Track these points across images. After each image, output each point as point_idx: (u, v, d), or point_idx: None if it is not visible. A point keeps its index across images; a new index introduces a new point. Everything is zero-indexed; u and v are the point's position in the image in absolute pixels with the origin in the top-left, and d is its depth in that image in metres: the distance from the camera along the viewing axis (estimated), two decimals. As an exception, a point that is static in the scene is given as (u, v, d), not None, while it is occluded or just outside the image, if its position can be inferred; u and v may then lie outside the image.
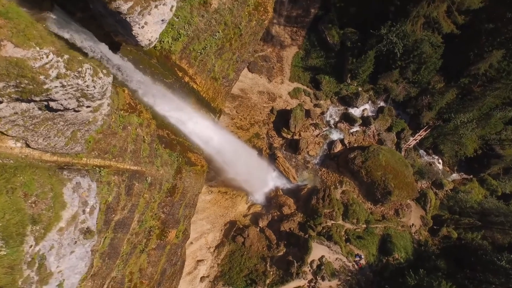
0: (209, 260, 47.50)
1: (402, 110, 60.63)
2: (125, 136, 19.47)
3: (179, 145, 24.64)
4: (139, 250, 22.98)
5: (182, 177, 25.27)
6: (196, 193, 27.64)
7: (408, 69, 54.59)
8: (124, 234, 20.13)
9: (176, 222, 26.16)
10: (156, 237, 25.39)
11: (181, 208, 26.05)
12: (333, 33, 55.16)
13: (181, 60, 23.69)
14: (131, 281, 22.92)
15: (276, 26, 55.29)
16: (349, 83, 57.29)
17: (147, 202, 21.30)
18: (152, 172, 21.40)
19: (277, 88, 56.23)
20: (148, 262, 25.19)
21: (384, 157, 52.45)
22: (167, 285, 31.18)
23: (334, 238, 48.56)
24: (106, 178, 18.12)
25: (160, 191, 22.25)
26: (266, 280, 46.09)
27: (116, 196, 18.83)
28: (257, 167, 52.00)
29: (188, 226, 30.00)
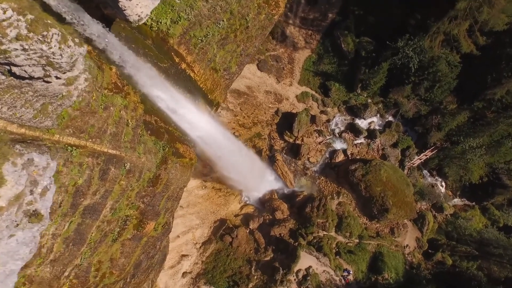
0: (194, 256, 46.06)
1: (410, 127, 58.50)
2: (106, 117, 18.07)
3: (168, 134, 23.19)
4: (111, 239, 21.58)
5: (167, 168, 23.81)
6: (181, 186, 26.19)
7: (421, 86, 52.47)
8: (94, 220, 18.73)
9: (156, 214, 24.72)
10: (133, 227, 23.96)
11: (162, 200, 24.60)
12: (348, 40, 53.29)
13: (179, 45, 22.27)
14: (99, 270, 21.52)
15: (291, 27, 53.68)
16: (359, 93, 55.37)
17: (123, 190, 19.89)
18: (133, 158, 19.97)
19: (285, 89, 54.57)
20: (122, 252, 23.78)
21: (386, 173, 50.46)
22: (142, 278, 29.79)
23: (324, 250, 46.73)
24: (78, 158, 16.74)
25: (139, 179, 20.83)
26: (249, 284, 44.48)
27: (87, 179, 17.43)
28: (254, 167, 50.39)
29: (170, 220, 28.56)
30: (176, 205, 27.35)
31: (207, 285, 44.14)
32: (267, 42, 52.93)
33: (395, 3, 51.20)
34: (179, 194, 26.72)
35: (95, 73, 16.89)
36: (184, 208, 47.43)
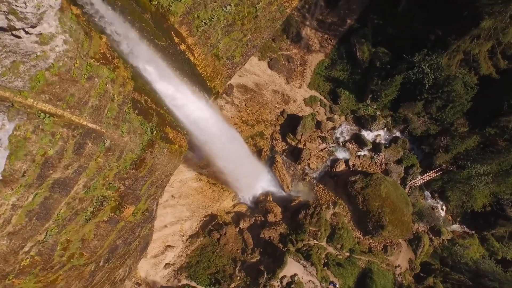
0: (179, 248, 44.65)
1: (417, 145, 56.41)
2: (89, 88, 16.74)
3: (158, 116, 21.81)
4: (84, 219, 20.24)
5: (154, 152, 22.42)
6: (167, 173, 24.80)
7: (434, 104, 50.43)
8: (63, 196, 17.40)
9: (137, 199, 23.35)
10: (110, 209, 22.60)
11: (145, 185, 23.22)
12: (364, 49, 51.51)
13: (181, 25, 20.88)
14: (66, 250, 20.19)
15: (307, 28, 52.11)
16: (368, 104, 53.51)
17: (100, 168, 18.52)
18: (114, 136, 18.60)
19: (293, 91, 52.98)
20: (95, 234, 22.42)
21: (386, 188, 48.50)
22: (118, 263, 28.47)
23: (313, 259, 44.95)
24: (51, 127, 15.40)
25: (119, 159, 19.46)
26: (231, 284, 42.91)
27: (59, 151, 16.10)
28: (252, 166, 48.86)
29: (153, 207, 27.18)
30: (160, 192, 25.96)
31: (188, 279, 42.68)
32: (280, 40, 51.48)
33: (417, 16, 49.27)
34: (164, 181, 25.33)
35: (80, 39, 15.56)
36: (175, 198, 46.15)
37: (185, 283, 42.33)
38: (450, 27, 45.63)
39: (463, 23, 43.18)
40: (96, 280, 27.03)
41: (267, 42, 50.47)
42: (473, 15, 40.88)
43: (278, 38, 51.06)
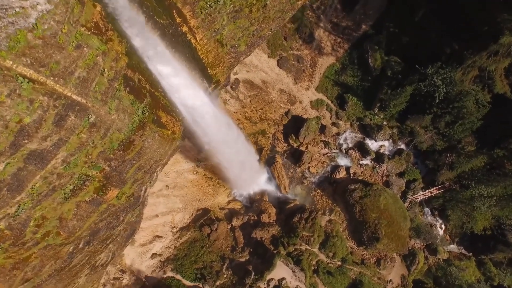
0: (168, 240, 43.50)
1: (421, 160, 54.60)
2: (76, 57, 15.61)
3: (151, 98, 20.62)
4: (62, 196, 19.09)
5: (144, 135, 21.25)
6: (157, 159, 23.62)
7: (442, 119, 48.66)
8: (39, 169, 16.28)
9: (122, 182, 22.18)
10: (93, 190, 21.45)
11: (132, 168, 22.05)
12: (377, 56, 49.96)
13: (184, 4, 19.71)
14: (41, 227, 19.08)
15: (320, 30, 50.73)
16: (375, 113, 51.91)
17: (82, 144, 17.37)
18: (100, 112, 17.46)
19: (300, 92, 51.61)
20: (75, 214, 21.29)
21: (385, 200, 46.88)
22: (99, 248, 27.32)
23: (303, 264, 43.48)
24: (30, 93, 14.28)
25: (104, 137, 18.30)
26: (217, 281, 41.65)
27: (37, 120, 14.97)
28: (250, 164, 47.56)
29: (140, 193, 26.00)
30: (148, 178, 24.77)
31: (174, 272, 41.50)
32: (292, 40, 50.18)
33: (434, 27, 47.62)
34: (153, 167, 24.16)
35: (70, 2, 14.45)
36: (169, 188, 45.05)
37: (170, 276, 41.18)
38: (468, 41, 43.94)
39: (482, 38, 41.50)
40: (75, 263, 25.93)
41: (278, 40, 49.26)
42: (493, 30, 39.20)
43: (290, 37, 49.79)
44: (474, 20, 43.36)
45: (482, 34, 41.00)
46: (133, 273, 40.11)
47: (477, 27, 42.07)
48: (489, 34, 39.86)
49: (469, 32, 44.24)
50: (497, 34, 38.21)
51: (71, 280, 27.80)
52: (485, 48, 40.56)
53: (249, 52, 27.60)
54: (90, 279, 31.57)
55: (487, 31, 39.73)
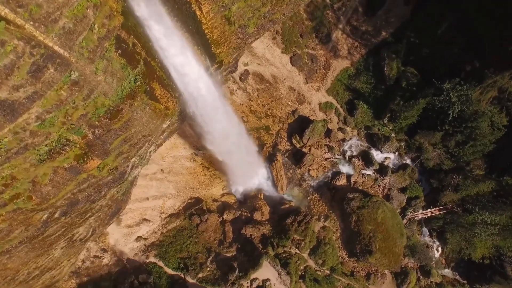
0: (155, 224, 41.87)
1: (425, 177, 52.23)
2: (62, 4, 14.02)
3: (146, 67, 18.99)
4: (37, 158, 17.55)
5: (134, 105, 19.63)
6: (146, 134, 21.96)
7: (453, 138, 46.28)
8: (8, 121, 14.69)
9: (105, 152, 20.57)
10: (74, 157, 19.88)
11: (117, 139, 20.44)
12: (393, 65, 47.82)
13: (193, -31, 18.17)
14: (8, 187, 17.53)
15: (339, 31, 48.76)
16: (384, 123, 49.74)
17: (61, 102, 15.79)
18: (85, 70, 15.86)
19: (310, 92, 49.68)
20: (51, 180, 19.72)
21: (383, 214, 44.69)
22: (77, 220, 25.77)
23: (290, 268, 41.46)
24: (2, 35, 12.77)
25: (87, 99, 16.70)
26: (199, 273, 39.90)
27: (9, 66, 13.39)
28: (249, 159, 45.77)
29: (127, 169, 24.35)
30: (134, 153, 23.11)
31: (157, 258, 39.84)
32: (308, 38, 48.28)
33: (456, 42, 45.38)
34: (141, 142, 22.50)
35: None
36: (164, 173, 43.47)
37: (152, 261, 39.55)
38: (490, 60, 41.61)
39: (505, 58, 39.15)
40: (50, 233, 24.42)
41: (294, 36, 47.45)
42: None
43: (306, 35, 47.92)
44: (499, 39, 41.03)
45: (506, 53, 38.61)
46: (115, 254, 38.56)
47: (502, 46, 39.70)
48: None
49: (492, 51, 41.94)
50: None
51: (45, 250, 26.32)
52: (508, 68, 38.21)
53: (258, 35, 25.82)
54: (67, 253, 30.11)
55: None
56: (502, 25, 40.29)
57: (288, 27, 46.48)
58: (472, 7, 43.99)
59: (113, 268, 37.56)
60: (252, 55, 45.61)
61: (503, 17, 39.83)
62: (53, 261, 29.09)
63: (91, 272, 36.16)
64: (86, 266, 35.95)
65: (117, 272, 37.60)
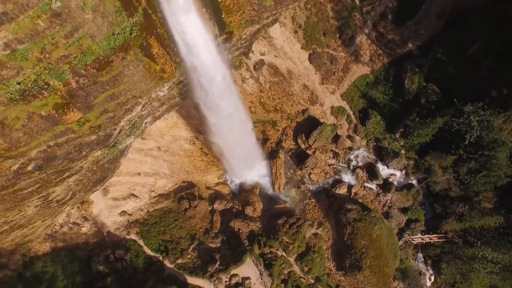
0: (143, 202, 39.73)
1: (430, 201, 49.03)
2: None
3: (146, 19, 16.80)
4: (7, 96, 15.46)
5: (126, 59, 17.44)
6: (136, 95, 19.77)
7: (466, 164, 43.06)
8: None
9: (88, 106, 18.43)
10: (53, 105, 17.79)
11: (104, 94, 18.29)
12: (415, 79, 44.90)
13: None
14: (-30, 122, 15.57)
15: (364, 36, 46.04)
16: (396, 138, 46.81)
17: (37, 33, 13.67)
18: (71, 3, 13.71)
19: (324, 94, 47.06)
20: (24, 125, 17.61)
21: (380, 231, 41.76)
22: (54, 179, 23.62)
23: (273, 270, 38.87)
24: None
25: (70, 37, 14.57)
26: (179, 259, 37.59)
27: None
28: (250, 151, 43.35)
29: (112, 131, 22.11)
30: (121, 114, 20.87)
31: (138, 236, 37.67)
32: (331, 37, 45.67)
33: (486, 66, 42.26)
34: (130, 103, 20.28)
35: None
36: (161, 151, 41.34)
37: (133, 238, 37.40)
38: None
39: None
40: (22, 186, 22.39)
41: (317, 33, 44.92)
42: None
43: (329, 34, 45.34)
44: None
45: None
46: (96, 224, 36.50)
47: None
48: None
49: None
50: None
51: (16, 205, 24.34)
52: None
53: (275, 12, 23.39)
54: (41, 213, 28.07)
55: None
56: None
57: (312, 22, 44.00)
58: (510, 34, 40.86)
59: (91, 239, 35.49)
60: (270, 46, 43.24)
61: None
62: (26, 218, 27.11)
63: (67, 238, 34.14)
64: (63, 232, 33.95)
65: (95, 243, 35.53)
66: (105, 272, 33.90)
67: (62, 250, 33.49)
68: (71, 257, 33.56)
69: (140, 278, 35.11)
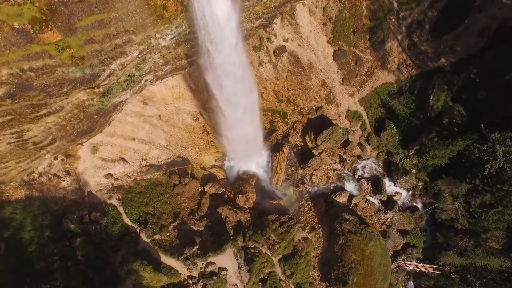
0: (132, 168, 36.83)
1: (432, 229, 45.12)
2: None
3: None
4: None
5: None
6: (128, 29, 16.67)
7: (480, 196, 38.94)
8: None
9: (70, 29, 15.50)
10: (29, 18, 14.83)
11: (89, 17, 15.34)
12: (441, 97, 40.99)
13: None
14: None
15: (395, 42, 42.36)
16: (409, 155, 42.97)
17: None
18: None
19: (342, 95, 43.52)
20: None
21: (374, 248, 38.11)
22: (27, 112, 20.56)
23: (253, 266, 35.57)
24: None
25: None
26: (156, 235, 34.53)
27: None
28: (254, 138, 40.13)
29: (100, 73, 19.08)
30: (109, 49, 17.82)
31: (119, 202, 34.68)
32: (361, 37, 42.15)
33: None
34: (120, 36, 17.20)
35: None
36: (161, 120, 38.40)
37: (113, 204, 34.45)
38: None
39: None
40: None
41: (346, 30, 41.46)
42: None
43: (359, 33, 41.82)
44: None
45: None
46: (78, 181, 33.68)
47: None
48: None
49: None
50: None
51: (-16, 135, 21.52)
52: None
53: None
54: (15, 153, 25.33)
55: None
56: None
57: (343, 17, 40.56)
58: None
59: (69, 195, 32.67)
60: (295, 33, 39.97)
61: None
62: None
63: (45, 189, 31.37)
64: (41, 181, 31.18)
65: (72, 201, 32.69)
66: (76, 231, 31.02)
67: (36, 200, 30.72)
68: (44, 210, 30.78)
69: (112, 246, 32.12)
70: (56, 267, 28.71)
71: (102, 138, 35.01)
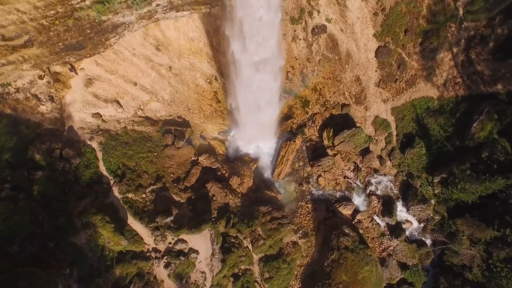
0: (124, 115, 31.57)
1: (437, 271, 37.99)
2: None
3: None
4: None
5: None
6: None
7: (506, 249, 31.98)
8: None
9: None
10: None
11: None
12: (487, 127, 34.03)
13: None
14: None
15: (449, 55, 35.77)
16: (432, 183, 36.32)
17: None
18: None
19: (374, 98, 37.23)
20: None
21: (368, 274, 31.81)
22: None
23: (229, 258, 29.72)
24: None
25: None
26: (130, 192, 29.20)
27: None
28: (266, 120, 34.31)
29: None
30: None
31: (100, 146, 29.41)
32: (411, 40, 35.76)
33: None
34: None
35: None
36: (171, 71, 33.02)
37: (92, 146, 29.17)
38: None
39: None
40: None
41: (398, 27, 35.18)
42: None
43: (411, 34, 35.47)
44: None
45: None
46: (60, 111, 28.57)
47: None
48: None
49: None
50: None
51: None
52: None
53: None
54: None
55: None
56: None
57: (398, 11, 34.31)
58: None
59: (46, 123, 27.56)
60: (340, 15, 33.96)
61: None
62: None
63: (19, 108, 26.35)
64: (16, 98, 26.15)
65: (47, 130, 27.57)
66: (41, 164, 25.85)
67: (5, 118, 25.67)
68: (11, 130, 25.72)
69: (77, 191, 26.79)
70: (4, 196, 23.48)
71: (101, 72, 29.94)
